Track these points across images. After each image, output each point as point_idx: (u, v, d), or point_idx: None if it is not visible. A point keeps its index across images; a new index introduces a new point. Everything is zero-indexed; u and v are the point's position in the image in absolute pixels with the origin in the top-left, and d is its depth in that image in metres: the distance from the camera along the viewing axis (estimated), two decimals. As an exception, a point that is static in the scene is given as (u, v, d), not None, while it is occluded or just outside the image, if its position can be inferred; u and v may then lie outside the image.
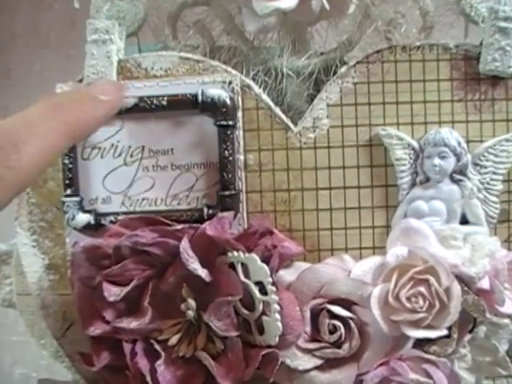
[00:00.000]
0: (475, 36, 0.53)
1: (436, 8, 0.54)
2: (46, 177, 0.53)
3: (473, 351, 0.50)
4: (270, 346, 0.49)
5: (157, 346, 0.50)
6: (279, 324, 0.48)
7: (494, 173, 0.51)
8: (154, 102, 0.51)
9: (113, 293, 0.50)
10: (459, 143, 0.50)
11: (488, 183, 0.51)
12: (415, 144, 0.51)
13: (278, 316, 0.48)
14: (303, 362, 0.50)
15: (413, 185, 0.52)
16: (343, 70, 0.51)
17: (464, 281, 0.48)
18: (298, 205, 0.52)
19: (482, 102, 0.51)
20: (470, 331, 0.49)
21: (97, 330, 0.50)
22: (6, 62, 0.97)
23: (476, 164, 0.51)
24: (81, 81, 0.52)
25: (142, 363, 0.50)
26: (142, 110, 0.51)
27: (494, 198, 0.51)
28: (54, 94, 0.52)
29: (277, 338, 0.48)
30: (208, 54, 0.54)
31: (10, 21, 0.98)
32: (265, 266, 0.48)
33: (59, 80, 0.53)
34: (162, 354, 0.50)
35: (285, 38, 0.54)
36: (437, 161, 0.50)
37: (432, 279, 0.47)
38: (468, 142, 0.51)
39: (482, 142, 0.51)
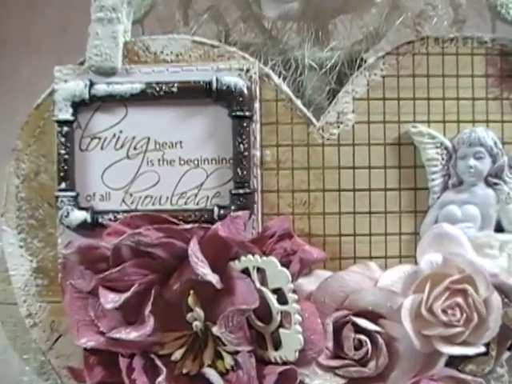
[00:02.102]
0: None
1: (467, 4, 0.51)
2: (38, 169, 0.48)
3: (509, 372, 0.46)
4: (286, 363, 0.44)
5: (158, 362, 0.45)
6: (300, 337, 0.43)
7: (532, 177, 0.48)
8: (163, 88, 0.47)
9: (110, 299, 0.44)
10: (495, 143, 0.47)
11: (525, 188, 0.48)
12: (448, 143, 0.47)
13: (299, 328, 0.43)
14: (324, 381, 0.45)
15: (445, 188, 0.48)
16: (371, 61, 0.48)
17: (504, 292, 0.44)
18: (319, 207, 0.48)
19: (519, 101, 0.48)
20: (509, 349, 0.45)
21: (90, 341, 0.45)
22: (-6, 67, 0.93)
23: (512, 167, 0.48)
24: (82, 63, 0.47)
25: (141, 380, 0.45)
26: (149, 97, 0.47)
27: (532, 205, 0.48)
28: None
29: (296, 354, 0.43)
30: (224, 41, 0.49)
31: (1, 26, 0.95)
32: (285, 270, 0.43)
33: (48, 87, 0.49)
34: (164, 370, 0.45)
35: (306, 28, 0.50)
36: (472, 162, 0.46)
37: (470, 289, 0.43)
38: (503, 143, 0.48)
39: (518, 143, 0.48)
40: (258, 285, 0.44)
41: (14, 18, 0.94)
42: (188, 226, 0.45)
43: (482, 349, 0.44)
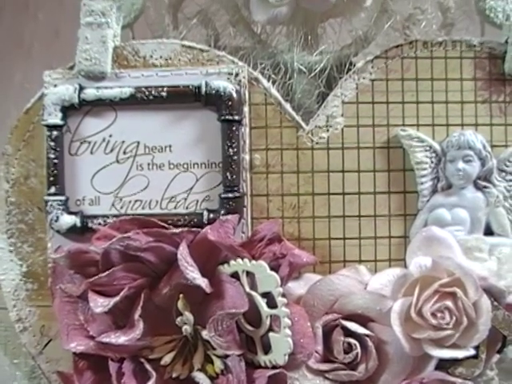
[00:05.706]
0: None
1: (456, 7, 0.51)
2: (28, 173, 0.48)
3: (499, 375, 0.46)
4: (275, 367, 0.44)
5: (147, 366, 0.45)
6: (290, 341, 0.43)
7: (521, 180, 0.48)
8: (153, 92, 0.47)
9: (100, 304, 0.44)
10: (484, 146, 0.47)
11: (515, 191, 0.48)
12: (437, 146, 0.47)
13: (288, 332, 0.43)
14: (314, 385, 0.44)
15: (434, 191, 0.48)
16: (360, 64, 0.48)
17: (493, 295, 0.44)
18: (308, 211, 0.48)
19: (507, 104, 0.48)
20: (499, 351, 0.45)
21: (79, 346, 0.45)
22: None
23: (501, 170, 0.48)
24: (71, 68, 0.47)
25: (131, 385, 0.44)
26: (138, 101, 0.47)
27: (521, 208, 0.48)
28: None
29: (286, 357, 0.43)
30: (213, 45, 0.49)
31: (-8, 31, 0.94)
32: (275, 274, 0.43)
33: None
34: (154, 374, 0.44)
35: (295, 32, 0.50)
36: (461, 165, 0.46)
37: (460, 292, 0.43)
38: (492, 146, 0.48)
39: (507, 146, 0.48)
40: (247, 289, 0.44)
41: (7, 22, 0.94)
42: (177, 230, 0.45)
43: (472, 352, 0.44)
